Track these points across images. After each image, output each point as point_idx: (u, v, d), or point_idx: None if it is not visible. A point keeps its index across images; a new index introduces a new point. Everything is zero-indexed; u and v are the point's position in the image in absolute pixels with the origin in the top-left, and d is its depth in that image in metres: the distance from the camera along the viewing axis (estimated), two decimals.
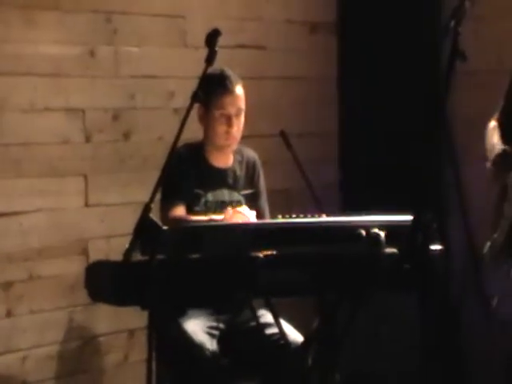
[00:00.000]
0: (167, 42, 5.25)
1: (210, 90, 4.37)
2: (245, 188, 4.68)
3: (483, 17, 4.38)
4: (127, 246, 3.58)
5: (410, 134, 5.34)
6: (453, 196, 4.11)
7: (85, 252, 4.79)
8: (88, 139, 4.92)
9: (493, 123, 4.36)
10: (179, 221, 4.45)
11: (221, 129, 4.54)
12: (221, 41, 3.78)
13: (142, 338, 4.65)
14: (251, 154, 4.76)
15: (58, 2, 4.80)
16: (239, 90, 4.56)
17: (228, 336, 4.48)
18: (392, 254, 3.70)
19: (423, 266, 3.63)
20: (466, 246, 4.21)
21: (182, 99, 4.40)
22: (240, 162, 4.70)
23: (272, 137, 4.74)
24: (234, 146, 4.64)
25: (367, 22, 5.96)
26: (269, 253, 3.72)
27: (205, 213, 4.55)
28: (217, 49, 3.80)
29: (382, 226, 3.82)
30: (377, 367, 5.26)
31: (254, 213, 4.52)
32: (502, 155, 4.40)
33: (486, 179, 4.50)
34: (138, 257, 3.64)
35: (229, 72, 4.52)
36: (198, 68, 3.93)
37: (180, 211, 4.49)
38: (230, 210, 4.51)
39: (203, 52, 3.82)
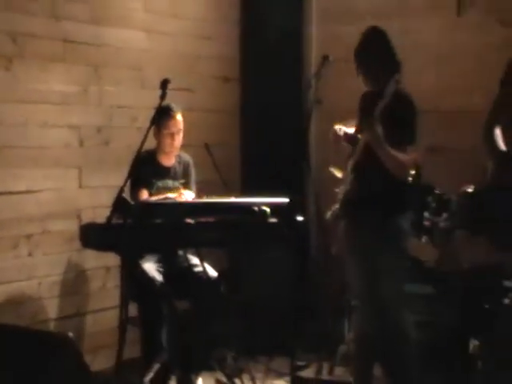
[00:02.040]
0: (133, 84, 5.28)
1: (161, 116, 4.52)
2: (181, 179, 4.81)
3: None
4: (108, 214, 3.84)
5: (286, 147, 5.21)
6: (310, 187, 4.42)
7: (79, 217, 4.86)
8: (81, 144, 5.00)
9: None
10: (147, 201, 4.51)
11: (167, 142, 4.70)
12: (169, 86, 4.05)
13: (115, 272, 4.74)
14: (187, 157, 4.89)
15: (64, 57, 4.85)
16: (179, 117, 4.71)
17: (170, 272, 4.64)
18: (274, 223, 3.98)
19: (294, 229, 4.04)
20: (316, 216, 4.58)
21: (142, 122, 4.64)
22: (179, 163, 4.83)
23: (199, 147, 4.81)
24: (176, 153, 4.79)
25: (259, 77, 5.97)
26: (197, 220, 3.95)
27: (157, 194, 4.65)
28: (166, 91, 4.05)
29: (268, 204, 3.98)
30: (267, 294, 5.24)
31: (190, 193, 4.72)
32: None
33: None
34: (115, 221, 3.89)
35: (173, 105, 4.63)
36: (153, 102, 4.18)
37: (144, 194, 4.61)
38: (180, 191, 4.70)
39: (157, 92, 4.07)
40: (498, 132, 3.69)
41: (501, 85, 3.63)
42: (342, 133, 4.25)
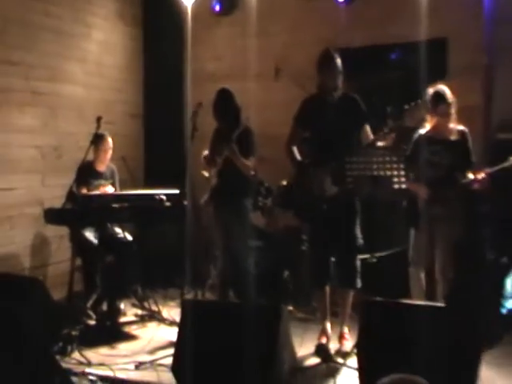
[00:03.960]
0: (77, 120, 5.37)
1: (99, 139, 4.59)
2: (109, 179, 4.85)
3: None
4: (62, 202, 4.12)
5: (174, 158, 5.00)
6: (189, 183, 4.07)
7: (42, 204, 4.82)
8: (44, 158, 5.11)
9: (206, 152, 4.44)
10: (86, 194, 4.54)
11: (102, 155, 4.76)
12: (101, 123, 4.28)
13: (66, 238, 4.72)
14: (113, 166, 4.93)
15: (33, 103, 4.94)
16: (110, 140, 4.74)
17: (102, 237, 4.68)
18: (169, 206, 4.12)
19: (181, 210, 3.97)
20: (193, 201, 4.46)
21: (83, 143, 4.60)
22: (107, 169, 4.86)
23: (118, 159, 4.89)
24: (107, 163, 4.82)
25: (155, 114, 6.00)
26: (119, 205, 4.13)
27: (93, 190, 4.63)
28: (99, 123, 4.25)
29: (164, 194, 4.11)
30: (163, 249, 5.16)
31: (111, 188, 4.76)
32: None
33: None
34: (66, 207, 4.14)
35: (105, 133, 4.65)
36: (90, 131, 4.40)
37: (83, 190, 4.59)
38: (108, 187, 4.74)
39: (93, 125, 4.28)
40: (294, 148, 3.86)
41: (293, 120, 3.87)
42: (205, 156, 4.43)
